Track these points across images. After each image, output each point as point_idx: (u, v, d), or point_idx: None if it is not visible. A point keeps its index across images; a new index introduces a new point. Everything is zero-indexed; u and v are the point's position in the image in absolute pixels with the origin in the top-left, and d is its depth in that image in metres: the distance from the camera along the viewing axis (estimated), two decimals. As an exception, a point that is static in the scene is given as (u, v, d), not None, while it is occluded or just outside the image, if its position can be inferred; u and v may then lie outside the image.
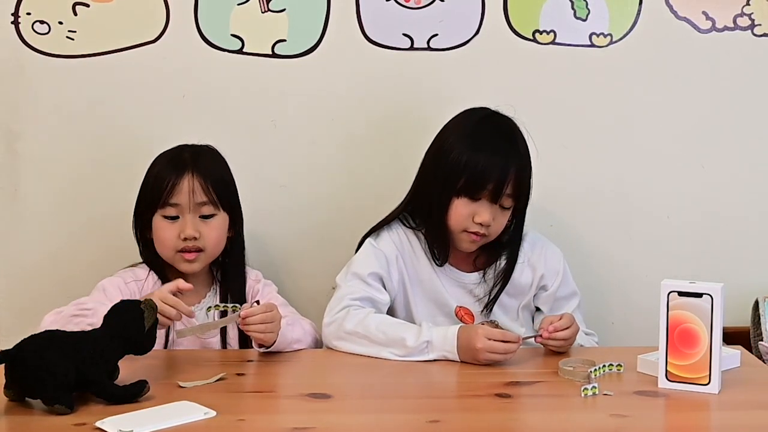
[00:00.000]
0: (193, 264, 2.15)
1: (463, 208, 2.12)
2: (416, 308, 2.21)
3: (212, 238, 2.15)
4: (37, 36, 2.44)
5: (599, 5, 2.48)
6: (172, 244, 2.14)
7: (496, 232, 2.16)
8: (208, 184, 2.14)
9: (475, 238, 2.14)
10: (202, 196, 2.13)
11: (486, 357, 1.96)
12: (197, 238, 2.13)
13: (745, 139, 2.54)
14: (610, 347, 2.31)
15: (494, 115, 2.17)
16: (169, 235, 2.14)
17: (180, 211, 2.14)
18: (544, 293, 2.26)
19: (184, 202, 2.13)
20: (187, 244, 2.13)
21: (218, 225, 2.16)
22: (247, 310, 1.95)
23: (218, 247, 2.18)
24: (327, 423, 1.64)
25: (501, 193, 2.09)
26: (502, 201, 2.11)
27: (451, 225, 2.14)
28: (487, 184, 2.09)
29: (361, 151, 2.51)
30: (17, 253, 2.51)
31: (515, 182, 2.10)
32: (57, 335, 1.73)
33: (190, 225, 2.12)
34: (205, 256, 2.16)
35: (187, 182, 2.13)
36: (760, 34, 2.51)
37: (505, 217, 2.15)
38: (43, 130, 2.47)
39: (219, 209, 2.16)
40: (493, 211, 2.12)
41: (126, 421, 1.58)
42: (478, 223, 2.11)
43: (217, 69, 2.46)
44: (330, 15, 2.46)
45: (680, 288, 1.79)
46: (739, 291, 2.44)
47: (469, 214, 2.12)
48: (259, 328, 1.95)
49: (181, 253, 2.14)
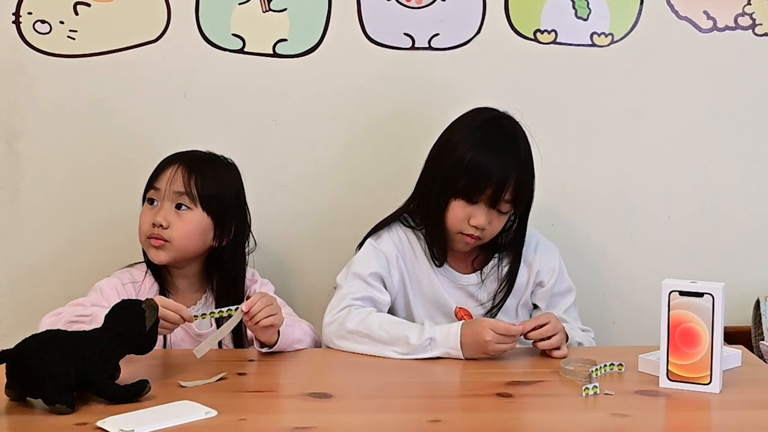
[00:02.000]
0: (159, 253, 2.14)
1: (459, 210, 2.12)
2: (416, 308, 2.22)
3: (180, 231, 2.13)
4: (38, 35, 2.44)
5: (600, 5, 2.48)
6: (144, 229, 2.15)
7: (491, 235, 2.16)
8: (191, 178, 2.14)
9: (470, 240, 2.14)
10: (180, 186, 2.13)
11: (495, 348, 1.97)
12: (165, 228, 2.12)
13: (746, 139, 2.54)
14: (610, 347, 2.31)
15: (499, 118, 2.16)
16: (145, 219, 2.16)
17: (158, 196, 2.15)
18: (541, 290, 2.25)
19: (162, 187, 2.14)
20: (154, 231, 2.13)
21: (191, 221, 2.14)
22: (247, 303, 1.94)
23: (187, 243, 2.14)
24: (328, 422, 1.64)
25: (499, 198, 2.09)
26: (500, 206, 2.11)
27: (448, 226, 2.14)
28: (485, 189, 2.08)
29: (362, 151, 2.51)
30: (17, 253, 2.51)
31: (514, 188, 2.10)
32: (58, 335, 1.73)
33: (162, 212, 2.13)
34: (172, 249, 2.14)
35: (171, 169, 2.15)
36: (761, 33, 2.51)
37: (501, 221, 2.15)
38: (43, 130, 2.48)
39: (196, 206, 2.14)
40: (490, 215, 2.11)
41: (127, 421, 1.58)
42: (473, 225, 2.11)
43: (218, 69, 2.47)
44: (331, 15, 2.46)
45: (681, 287, 1.79)
46: (740, 290, 2.45)
47: (465, 217, 2.11)
48: (265, 312, 1.94)
49: (149, 239, 2.14)
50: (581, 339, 2.19)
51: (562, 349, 2.02)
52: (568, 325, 2.13)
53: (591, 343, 2.23)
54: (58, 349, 1.66)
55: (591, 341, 2.24)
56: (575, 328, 2.20)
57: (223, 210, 2.18)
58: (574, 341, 2.14)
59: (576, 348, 2.14)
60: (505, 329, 1.98)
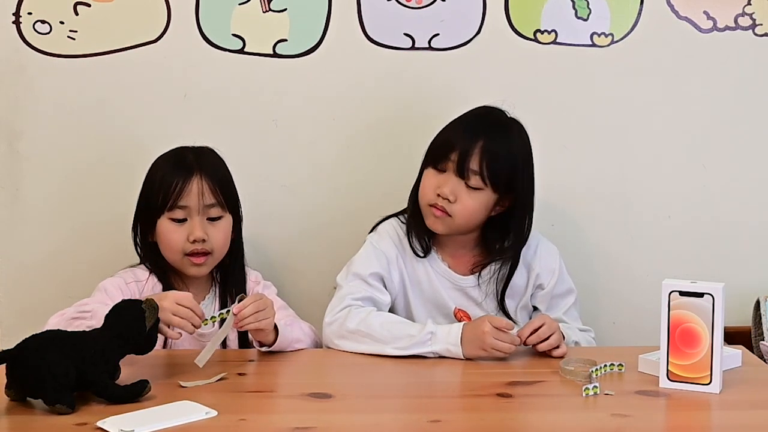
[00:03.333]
0: (201, 268, 2.14)
1: (430, 179, 2.13)
2: (416, 309, 2.22)
3: (220, 240, 2.15)
4: (39, 36, 2.44)
5: (600, 5, 2.48)
6: (179, 248, 2.12)
7: (461, 214, 2.12)
8: (215, 185, 2.13)
9: (438, 212, 2.12)
10: (211, 198, 2.13)
11: (492, 342, 1.96)
12: (205, 241, 2.12)
13: (746, 139, 2.54)
14: (611, 347, 2.31)
15: (486, 107, 2.19)
16: (177, 237, 2.12)
17: (188, 214, 2.12)
18: (541, 292, 2.25)
19: (193, 204, 2.12)
20: (196, 247, 2.11)
21: (225, 227, 2.16)
22: (237, 306, 1.94)
23: (224, 250, 2.18)
24: (328, 423, 1.64)
25: (464, 167, 2.08)
26: (468, 178, 2.09)
27: (420, 200, 2.15)
28: (449, 154, 2.10)
29: (362, 151, 2.51)
30: (18, 253, 2.51)
31: (480, 158, 2.08)
32: (58, 335, 1.73)
33: (198, 227, 2.11)
34: (212, 259, 2.15)
35: (196, 184, 2.12)
36: (761, 33, 2.51)
37: (472, 200, 2.11)
38: (44, 130, 2.47)
39: (225, 211, 2.16)
40: (457, 186, 2.10)
41: (127, 421, 1.58)
42: (439, 195, 2.11)
43: (218, 69, 2.46)
44: (331, 15, 2.46)
45: (681, 288, 1.79)
46: (740, 290, 2.45)
47: (434, 187, 2.12)
48: (252, 319, 1.93)
49: (189, 257, 2.13)
50: (578, 338, 2.19)
51: (561, 347, 2.02)
52: (565, 325, 2.13)
53: (591, 343, 2.23)
54: (58, 349, 1.66)
55: (591, 341, 2.24)
56: (572, 327, 2.19)
57: (236, 202, 2.21)
58: (570, 341, 2.14)
59: (576, 348, 2.14)
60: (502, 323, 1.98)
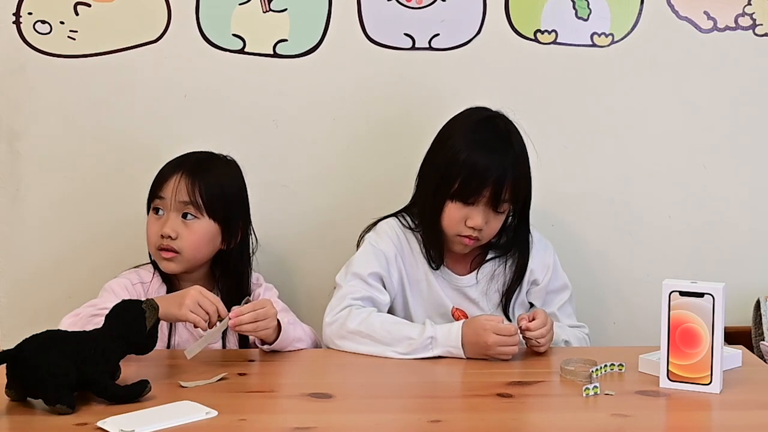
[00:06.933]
0: (170, 264, 2.14)
1: (456, 211, 2.11)
2: (414, 309, 2.22)
3: (190, 242, 2.12)
4: (39, 36, 2.44)
5: (601, 5, 2.48)
6: (153, 240, 2.14)
7: (490, 236, 2.16)
8: (195, 186, 2.12)
9: (468, 242, 2.14)
10: (185, 196, 2.12)
11: (498, 351, 1.97)
12: (174, 239, 2.11)
13: (746, 139, 2.54)
14: (611, 347, 2.31)
15: (493, 118, 2.16)
16: (153, 230, 2.14)
17: (164, 206, 2.13)
18: (536, 288, 2.25)
19: (167, 197, 2.13)
20: (163, 242, 2.12)
21: (199, 230, 2.13)
22: (236, 310, 1.94)
23: (197, 253, 2.15)
24: (328, 423, 1.64)
25: (499, 199, 2.09)
26: (500, 206, 2.11)
27: (445, 228, 2.14)
28: (482, 191, 2.08)
29: (362, 151, 2.51)
30: (18, 253, 2.51)
31: (512, 187, 2.09)
32: (58, 335, 1.73)
33: (169, 223, 2.12)
34: (182, 259, 2.14)
35: (174, 179, 2.13)
36: (761, 33, 2.51)
37: (499, 221, 2.15)
38: (44, 130, 2.47)
39: (203, 215, 2.13)
40: (486, 216, 2.11)
41: (127, 421, 1.58)
42: (471, 227, 2.11)
43: (219, 69, 2.47)
44: (331, 15, 2.46)
45: (682, 288, 1.79)
46: (741, 291, 2.44)
47: (461, 218, 2.11)
48: (249, 327, 1.94)
49: (159, 251, 2.14)
50: (568, 337, 2.18)
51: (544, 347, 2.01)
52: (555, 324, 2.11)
53: (583, 339, 2.23)
54: (59, 349, 1.66)
55: (584, 337, 2.23)
56: (562, 326, 2.19)
57: (229, 214, 2.17)
58: (560, 340, 2.14)
59: (576, 348, 2.14)
60: (506, 329, 1.98)
